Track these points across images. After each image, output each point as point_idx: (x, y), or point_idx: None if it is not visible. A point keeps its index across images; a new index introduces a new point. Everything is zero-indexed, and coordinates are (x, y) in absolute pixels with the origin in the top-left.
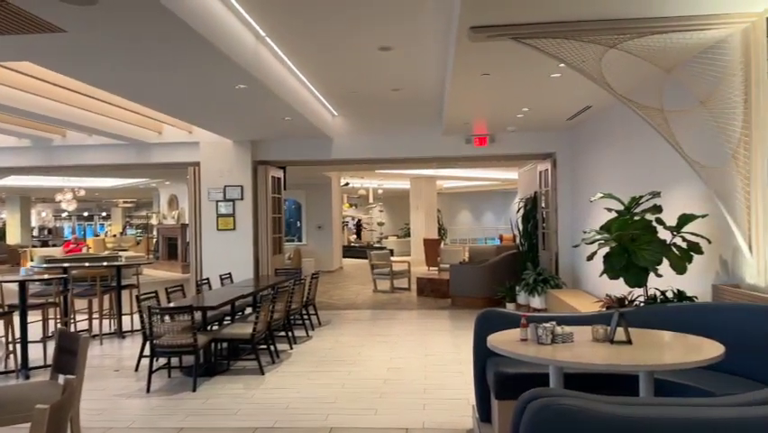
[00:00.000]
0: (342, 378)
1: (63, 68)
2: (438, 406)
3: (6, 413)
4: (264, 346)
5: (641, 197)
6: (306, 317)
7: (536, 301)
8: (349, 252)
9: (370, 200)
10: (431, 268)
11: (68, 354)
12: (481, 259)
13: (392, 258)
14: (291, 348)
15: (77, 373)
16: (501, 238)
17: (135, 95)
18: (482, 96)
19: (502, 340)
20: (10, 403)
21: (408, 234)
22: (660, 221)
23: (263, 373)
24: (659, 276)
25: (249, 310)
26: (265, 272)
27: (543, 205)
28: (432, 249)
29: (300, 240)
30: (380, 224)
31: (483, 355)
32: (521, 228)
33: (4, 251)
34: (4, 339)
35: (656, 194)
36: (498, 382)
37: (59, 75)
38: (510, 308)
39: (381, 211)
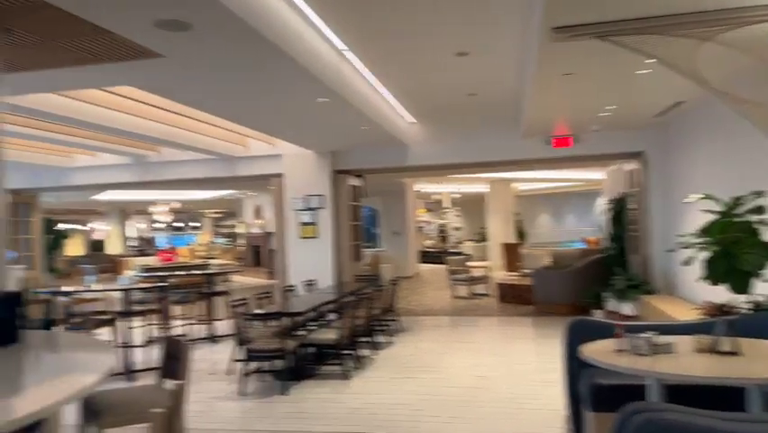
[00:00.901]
0: (426, 385)
1: (160, 90)
2: (526, 416)
3: (116, 415)
4: (348, 352)
5: (742, 197)
6: (386, 323)
7: (627, 308)
8: (425, 257)
9: (446, 204)
10: (511, 273)
11: (174, 360)
12: (565, 263)
13: (469, 263)
14: (374, 354)
15: (184, 378)
16: (587, 241)
17: (226, 113)
18: (564, 96)
19: (597, 351)
20: (121, 405)
21: (484, 239)
22: (764, 222)
23: (348, 379)
24: (767, 282)
25: (330, 316)
26: (345, 279)
27: (632, 206)
28: (511, 254)
29: (375, 246)
30: (457, 228)
31: (574, 366)
32: (611, 231)
33: (107, 260)
34: (112, 343)
35: (759, 194)
36: (593, 393)
37: (154, 96)
38: (598, 315)
39: (458, 216)
